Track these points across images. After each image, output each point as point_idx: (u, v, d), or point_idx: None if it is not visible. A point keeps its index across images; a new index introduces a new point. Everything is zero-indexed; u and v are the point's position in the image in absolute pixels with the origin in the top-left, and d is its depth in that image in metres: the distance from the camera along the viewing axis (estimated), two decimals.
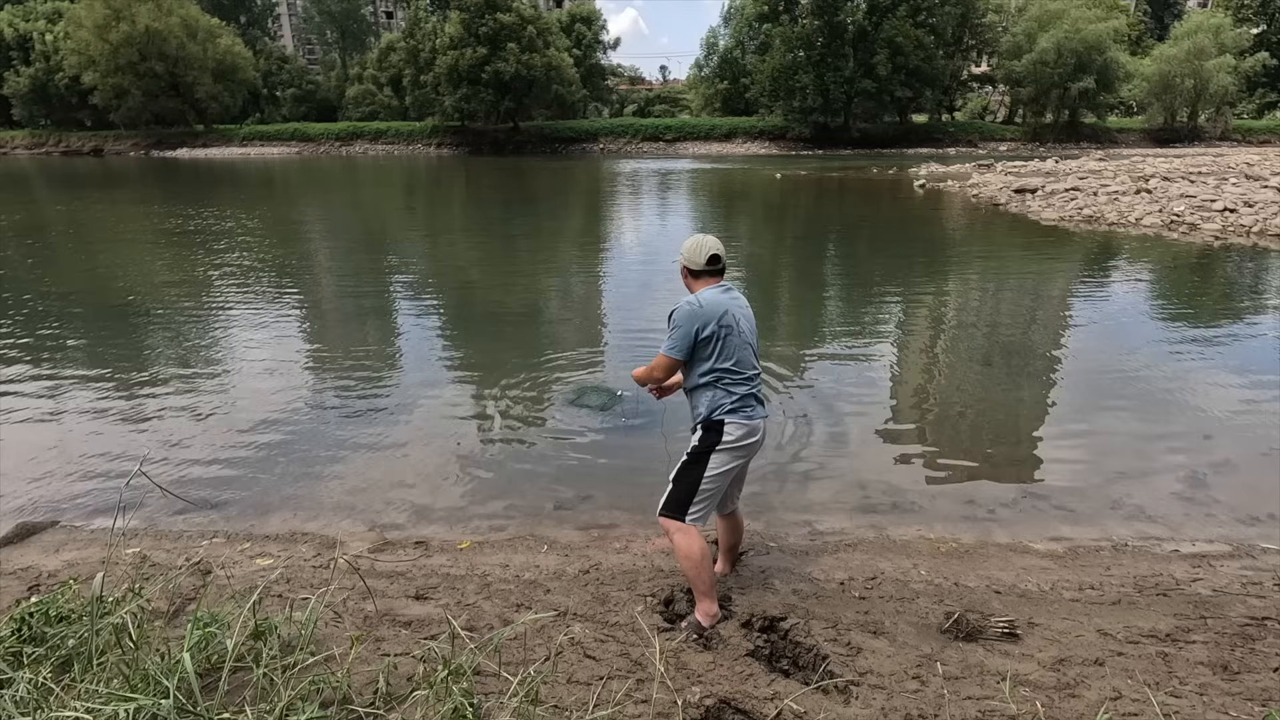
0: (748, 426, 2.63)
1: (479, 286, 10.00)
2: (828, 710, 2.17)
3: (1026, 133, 48.14)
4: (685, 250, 2.73)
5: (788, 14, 46.82)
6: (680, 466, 2.66)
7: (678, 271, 2.82)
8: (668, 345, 2.65)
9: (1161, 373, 6.15)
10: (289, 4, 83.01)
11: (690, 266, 2.73)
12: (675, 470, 2.67)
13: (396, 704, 2.03)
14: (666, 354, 2.65)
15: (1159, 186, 17.75)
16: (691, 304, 2.63)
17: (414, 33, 51.10)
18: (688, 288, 2.77)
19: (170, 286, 9.75)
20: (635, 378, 2.88)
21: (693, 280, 2.75)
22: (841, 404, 5.50)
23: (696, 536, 2.61)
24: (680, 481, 2.64)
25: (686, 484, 2.62)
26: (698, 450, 2.65)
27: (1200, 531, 3.71)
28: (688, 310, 2.61)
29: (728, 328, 2.62)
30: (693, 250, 2.70)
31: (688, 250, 2.72)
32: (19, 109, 58.40)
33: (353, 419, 5.23)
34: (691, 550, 2.59)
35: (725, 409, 2.62)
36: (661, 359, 2.68)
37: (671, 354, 2.64)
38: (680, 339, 2.61)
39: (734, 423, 2.61)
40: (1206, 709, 2.20)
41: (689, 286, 2.76)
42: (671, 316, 2.65)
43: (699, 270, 2.71)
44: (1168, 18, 63.74)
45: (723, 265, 2.72)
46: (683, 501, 2.61)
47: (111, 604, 2.30)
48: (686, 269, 2.75)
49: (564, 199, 22.57)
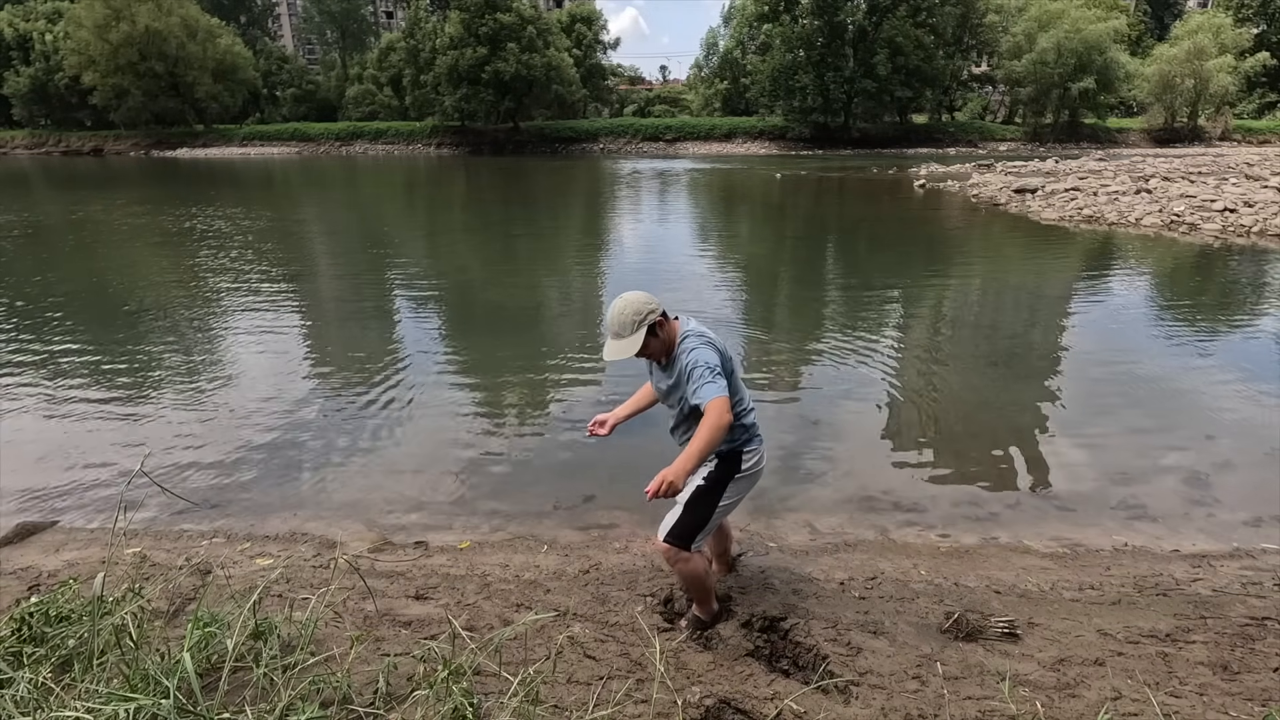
0: (759, 453, 2.57)
1: (479, 286, 10.00)
2: (828, 710, 2.17)
3: (1026, 133, 48.14)
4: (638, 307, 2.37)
5: (788, 14, 46.82)
6: (694, 494, 2.51)
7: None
8: (715, 388, 2.28)
9: (1161, 372, 6.15)
10: (289, 4, 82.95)
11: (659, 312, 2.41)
12: (689, 495, 2.51)
13: (396, 704, 2.03)
14: (719, 396, 2.26)
15: (1159, 186, 17.76)
16: (701, 336, 2.43)
17: (414, 33, 51.11)
18: (669, 337, 2.46)
19: (170, 286, 9.74)
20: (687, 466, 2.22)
21: (669, 325, 2.47)
22: (841, 404, 5.50)
23: (701, 557, 2.58)
24: (694, 510, 2.50)
25: (700, 514, 2.50)
26: (715, 478, 2.51)
27: (1200, 531, 3.72)
28: (703, 346, 2.38)
29: (730, 359, 2.49)
30: (642, 301, 2.39)
31: (641, 303, 2.39)
32: (19, 109, 58.37)
33: (353, 419, 5.23)
34: (696, 571, 2.55)
35: (742, 440, 2.52)
36: (718, 403, 2.25)
37: (724, 392, 2.29)
38: (717, 373, 2.32)
39: (750, 451, 2.54)
40: (1206, 709, 2.20)
41: (670, 334, 2.46)
42: (689, 362, 2.35)
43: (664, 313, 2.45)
44: (1168, 18, 63.75)
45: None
46: (692, 532, 2.49)
47: (111, 604, 2.30)
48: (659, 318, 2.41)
49: (564, 199, 22.56)
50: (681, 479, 2.21)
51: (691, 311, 3.32)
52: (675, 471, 2.20)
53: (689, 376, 2.35)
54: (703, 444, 2.23)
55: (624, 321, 2.36)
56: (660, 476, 2.21)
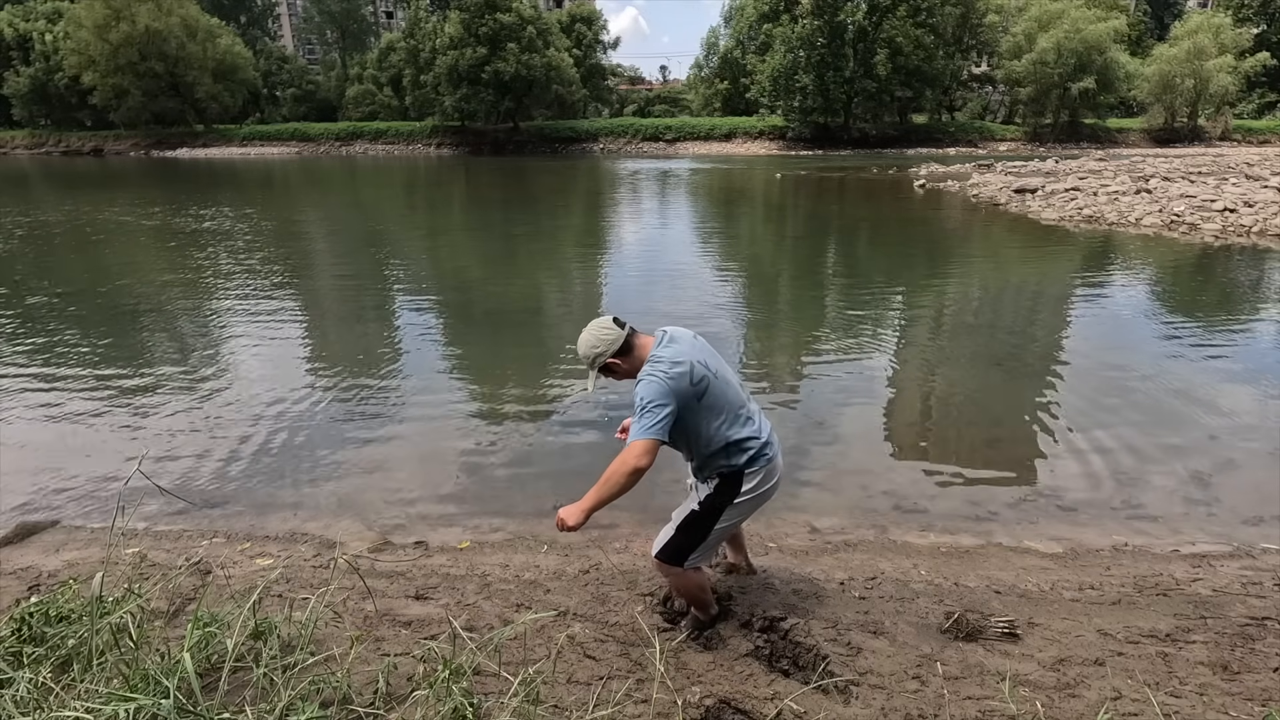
0: (765, 473, 2.39)
1: (479, 286, 10.00)
2: (827, 710, 2.17)
3: (1026, 133, 48.11)
4: (587, 350, 2.33)
5: (788, 14, 46.83)
6: (688, 516, 2.41)
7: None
8: (640, 428, 2.17)
9: (1161, 372, 6.14)
10: (289, 4, 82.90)
11: (615, 350, 2.30)
12: (682, 518, 2.43)
13: (396, 704, 2.04)
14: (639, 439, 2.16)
15: (1159, 186, 17.75)
16: (657, 363, 2.25)
17: (414, 33, 51.10)
18: (635, 365, 2.32)
19: (170, 286, 9.74)
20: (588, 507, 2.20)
21: (632, 354, 2.33)
22: (842, 404, 5.50)
23: (693, 572, 2.51)
24: (686, 532, 2.41)
25: (693, 537, 2.40)
26: (711, 504, 2.39)
27: (1200, 531, 3.71)
28: (652, 378, 2.22)
29: (706, 377, 2.27)
30: (591, 343, 2.33)
31: (589, 345, 2.33)
32: (19, 109, 58.32)
33: (353, 419, 5.23)
34: (690, 583, 2.52)
35: (742, 463, 2.35)
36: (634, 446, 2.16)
37: (650, 434, 2.16)
38: (654, 409, 2.18)
39: (752, 472, 2.36)
40: (1206, 709, 2.20)
41: (636, 361, 2.32)
42: (636, 394, 2.24)
43: (625, 342, 2.32)
44: (1168, 18, 63.71)
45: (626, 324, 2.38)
46: (684, 553, 2.41)
47: (111, 604, 2.30)
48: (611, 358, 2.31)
49: (564, 199, 22.56)
50: (574, 519, 2.18)
51: (691, 313, 3.32)
52: (569, 511, 2.20)
53: (635, 409, 2.26)
54: (599, 489, 2.18)
55: (583, 357, 2.36)
56: (559, 516, 2.22)
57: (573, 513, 2.20)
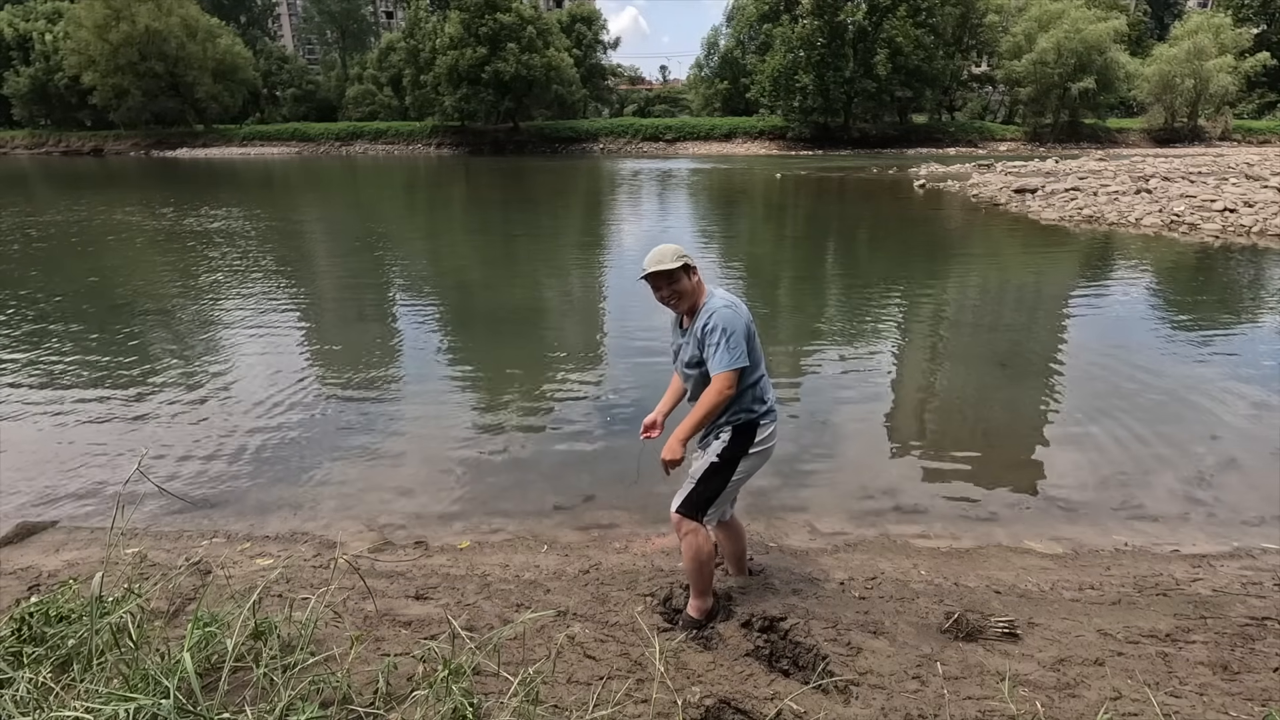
0: (773, 428, 2.61)
1: (479, 287, 10.00)
2: (827, 710, 2.16)
3: (1027, 133, 48.13)
4: (679, 250, 2.49)
5: (788, 14, 46.83)
6: (708, 469, 2.56)
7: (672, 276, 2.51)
8: (729, 359, 2.35)
9: (1161, 372, 6.14)
10: (289, 4, 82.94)
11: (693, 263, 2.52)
12: (701, 471, 2.57)
13: (396, 704, 2.03)
14: (730, 370, 2.36)
15: (1159, 186, 17.76)
16: (728, 304, 2.47)
17: (414, 33, 51.12)
18: (696, 290, 2.53)
19: (171, 286, 9.74)
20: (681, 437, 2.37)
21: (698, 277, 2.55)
22: (842, 404, 5.50)
23: (708, 537, 2.62)
24: (707, 483, 2.56)
25: (713, 486, 2.56)
26: (729, 454, 2.54)
27: (1200, 531, 3.71)
28: (727, 310, 2.44)
29: (754, 331, 2.53)
30: (681, 249, 2.50)
31: (681, 249, 2.50)
32: (19, 109, 58.38)
33: (353, 419, 5.23)
34: (702, 550, 2.58)
35: (760, 412, 2.55)
36: (726, 376, 2.36)
37: (739, 364, 2.38)
38: (737, 342, 2.39)
39: (765, 423, 2.57)
40: (1206, 709, 2.20)
41: (700, 286, 2.55)
42: (710, 324, 2.42)
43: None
44: (1168, 18, 63.75)
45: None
46: (704, 503, 2.57)
47: (111, 604, 2.29)
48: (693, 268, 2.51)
49: (564, 199, 22.56)
50: (676, 452, 2.35)
51: None
52: (669, 447, 2.37)
53: (707, 338, 2.43)
54: (700, 415, 2.37)
55: (665, 254, 2.47)
56: (662, 458, 2.39)
57: (674, 449, 2.37)
